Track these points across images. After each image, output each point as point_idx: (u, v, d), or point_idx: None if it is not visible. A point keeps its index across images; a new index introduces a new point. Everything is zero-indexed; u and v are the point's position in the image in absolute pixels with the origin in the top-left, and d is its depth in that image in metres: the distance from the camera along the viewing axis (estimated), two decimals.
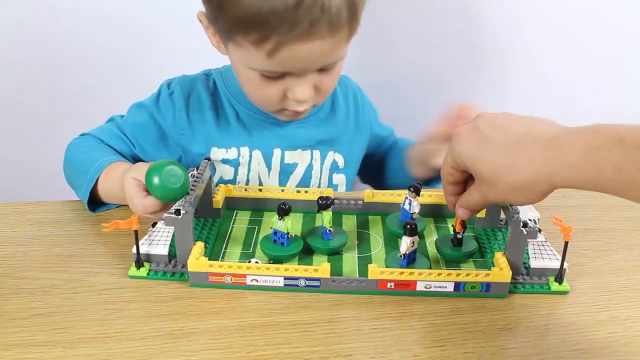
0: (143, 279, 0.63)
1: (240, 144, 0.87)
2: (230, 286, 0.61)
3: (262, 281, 0.61)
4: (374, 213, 0.76)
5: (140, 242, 0.64)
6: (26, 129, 1.28)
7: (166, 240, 0.65)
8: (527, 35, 1.23)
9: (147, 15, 1.18)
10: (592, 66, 1.25)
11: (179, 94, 0.86)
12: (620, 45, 1.23)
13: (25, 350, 0.53)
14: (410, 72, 1.27)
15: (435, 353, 0.54)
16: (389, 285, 0.61)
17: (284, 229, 0.65)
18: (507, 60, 1.26)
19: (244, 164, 0.88)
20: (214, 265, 0.61)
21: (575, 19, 1.22)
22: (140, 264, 0.64)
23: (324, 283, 0.61)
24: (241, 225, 0.73)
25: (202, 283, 0.61)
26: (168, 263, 0.64)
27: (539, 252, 0.65)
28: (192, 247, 0.62)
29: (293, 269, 0.61)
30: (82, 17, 1.17)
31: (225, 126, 0.87)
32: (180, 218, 0.60)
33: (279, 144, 0.88)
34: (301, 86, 0.75)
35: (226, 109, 0.88)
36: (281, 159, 0.88)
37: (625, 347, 0.56)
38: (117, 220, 0.61)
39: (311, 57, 0.72)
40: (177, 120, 0.86)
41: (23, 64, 1.21)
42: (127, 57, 1.21)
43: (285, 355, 0.54)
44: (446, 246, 0.67)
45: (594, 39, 1.22)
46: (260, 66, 0.73)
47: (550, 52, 1.24)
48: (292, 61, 0.71)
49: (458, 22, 1.22)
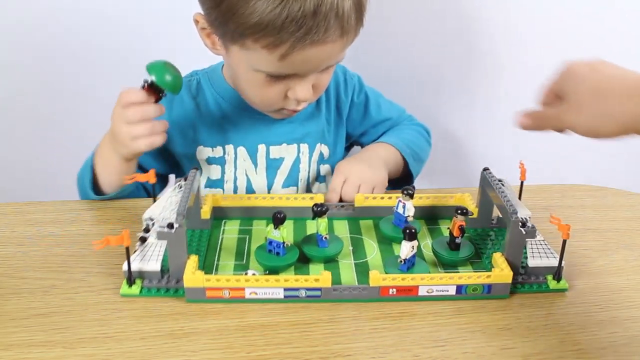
0: (136, 297, 0.61)
1: (226, 142, 0.89)
2: (229, 300, 0.60)
3: (262, 294, 0.59)
4: (365, 217, 0.76)
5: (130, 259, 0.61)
6: (26, 129, 1.28)
7: (158, 255, 0.63)
8: (527, 35, 1.23)
9: (147, 15, 1.18)
10: None
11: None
12: (620, 45, 1.22)
13: (25, 350, 0.53)
14: (410, 72, 1.27)
15: (435, 353, 0.54)
16: (390, 292, 0.60)
17: (279, 238, 0.64)
18: (506, 60, 1.26)
19: (230, 162, 0.89)
20: (211, 279, 0.59)
21: (574, 19, 1.22)
22: (132, 282, 0.61)
23: (324, 292, 0.60)
24: (231, 235, 0.72)
25: (199, 298, 0.59)
26: (161, 279, 0.62)
27: (536, 252, 0.65)
28: (186, 261, 0.60)
29: (293, 279, 0.59)
30: (82, 17, 1.17)
31: (209, 125, 0.89)
32: (174, 232, 0.58)
33: (263, 140, 0.89)
34: (303, 86, 0.76)
35: (211, 107, 0.89)
36: (266, 155, 0.89)
37: (625, 347, 0.56)
38: (108, 237, 0.58)
39: (320, 59, 0.73)
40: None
41: (23, 64, 1.21)
42: (127, 57, 1.20)
43: (285, 355, 0.54)
44: (444, 250, 0.67)
45: (593, 39, 1.22)
46: (268, 68, 0.73)
47: (549, 52, 1.24)
48: (302, 64, 0.72)
49: (457, 21, 1.22)
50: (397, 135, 0.95)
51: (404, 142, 0.93)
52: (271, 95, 0.78)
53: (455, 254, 0.66)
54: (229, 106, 0.88)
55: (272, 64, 0.72)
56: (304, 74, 0.75)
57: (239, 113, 0.88)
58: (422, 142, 0.97)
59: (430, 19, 1.22)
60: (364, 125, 0.98)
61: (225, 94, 0.88)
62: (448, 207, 0.76)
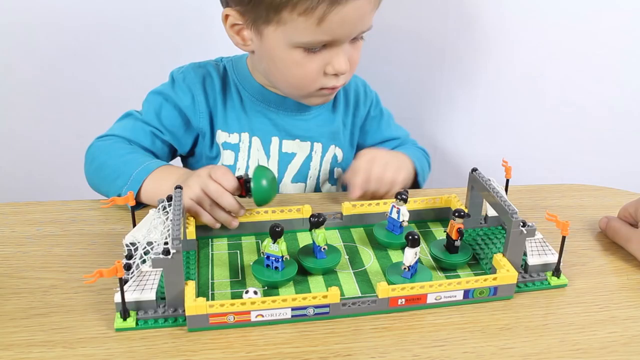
0: (132, 330, 0.56)
1: (242, 129, 0.90)
2: (234, 325, 0.57)
3: (268, 315, 0.57)
4: (355, 225, 0.74)
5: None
6: (26, 129, 1.28)
7: (153, 284, 0.58)
8: (527, 34, 1.23)
9: (147, 15, 1.18)
10: (591, 66, 1.25)
11: (193, 79, 0.89)
12: (622, 45, 1.22)
13: (25, 350, 0.53)
14: (409, 72, 1.27)
15: (435, 353, 0.54)
16: (400, 302, 0.59)
17: (278, 252, 0.62)
18: (506, 59, 1.26)
19: (244, 150, 0.90)
20: (214, 305, 0.55)
21: (574, 18, 1.22)
22: (127, 315, 0.56)
23: (333, 308, 0.58)
24: (221, 252, 0.69)
25: (202, 326, 0.56)
26: (157, 308, 0.57)
27: (535, 250, 0.65)
28: (184, 288, 0.57)
29: (300, 298, 0.57)
30: (82, 17, 1.17)
31: (231, 110, 0.90)
32: (171, 258, 0.54)
33: (277, 133, 0.90)
34: (340, 58, 0.78)
35: (233, 94, 0.90)
36: (279, 148, 0.90)
37: (625, 347, 0.56)
38: (101, 269, 0.54)
39: (355, 19, 0.75)
40: (197, 104, 0.88)
41: (23, 64, 1.21)
42: (127, 57, 1.21)
43: (285, 355, 0.54)
44: (443, 254, 0.67)
45: (593, 38, 1.22)
46: (307, 37, 0.75)
47: (549, 52, 1.24)
48: (339, 25, 0.74)
49: (457, 21, 1.22)
50: (405, 150, 0.96)
51: (414, 156, 0.93)
52: (311, 72, 0.79)
53: (454, 257, 0.66)
54: (249, 96, 0.90)
55: (311, 31, 0.73)
56: (340, 42, 0.77)
57: (257, 104, 0.90)
58: (424, 162, 0.98)
59: (431, 18, 1.22)
60: (374, 139, 0.99)
61: (247, 83, 0.89)
62: (436, 209, 0.76)
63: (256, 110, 0.90)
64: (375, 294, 0.60)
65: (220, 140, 0.90)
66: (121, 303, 0.56)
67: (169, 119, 0.87)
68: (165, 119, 0.87)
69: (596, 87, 1.26)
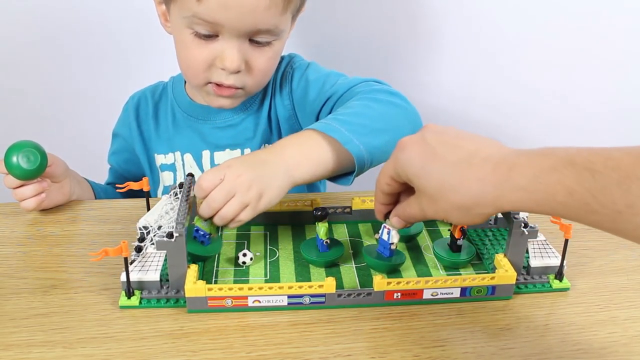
0: (135, 308, 0.59)
1: (174, 149, 0.90)
2: (232, 309, 0.59)
3: (265, 301, 0.58)
4: (364, 221, 0.75)
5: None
6: (26, 129, 1.28)
7: (157, 265, 0.61)
8: (527, 35, 1.23)
9: (147, 14, 1.18)
10: (591, 66, 1.25)
11: (130, 109, 0.92)
12: (623, 45, 1.23)
13: (25, 350, 0.53)
14: (409, 72, 1.27)
15: (435, 353, 0.54)
16: (395, 296, 0.60)
17: (207, 228, 0.63)
18: (505, 60, 1.26)
19: (179, 169, 0.90)
20: (213, 288, 0.57)
21: (573, 18, 1.22)
22: (131, 293, 0.60)
23: (329, 299, 0.59)
24: (229, 241, 0.70)
25: (201, 308, 0.58)
26: (160, 289, 0.60)
27: (538, 252, 0.65)
28: (186, 270, 0.59)
29: (297, 286, 0.58)
30: (82, 17, 1.17)
31: (164, 132, 0.91)
32: (174, 241, 0.57)
33: (207, 146, 0.89)
34: (230, 52, 0.74)
35: (168, 115, 0.91)
36: (211, 161, 0.89)
37: (625, 347, 0.56)
38: (106, 248, 0.56)
39: (241, 9, 0.71)
40: (132, 132, 0.92)
41: (23, 64, 1.21)
42: (127, 57, 1.21)
43: (285, 355, 0.53)
44: (446, 252, 0.67)
45: (592, 38, 1.22)
46: (188, 13, 0.72)
47: (549, 52, 1.24)
48: (220, 8, 0.70)
49: (457, 21, 1.22)
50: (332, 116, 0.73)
51: (337, 120, 0.70)
52: (197, 59, 0.76)
53: (457, 255, 0.66)
54: (182, 113, 0.90)
55: (192, 5, 0.71)
56: (228, 32, 0.73)
57: (188, 119, 0.89)
58: (372, 109, 0.73)
59: (430, 18, 1.22)
60: (312, 112, 0.84)
61: (180, 99, 0.90)
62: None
63: (187, 125, 0.89)
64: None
65: (158, 163, 0.91)
66: (126, 282, 0.59)
67: (122, 157, 0.96)
68: (119, 160, 0.97)
69: (596, 87, 1.27)
